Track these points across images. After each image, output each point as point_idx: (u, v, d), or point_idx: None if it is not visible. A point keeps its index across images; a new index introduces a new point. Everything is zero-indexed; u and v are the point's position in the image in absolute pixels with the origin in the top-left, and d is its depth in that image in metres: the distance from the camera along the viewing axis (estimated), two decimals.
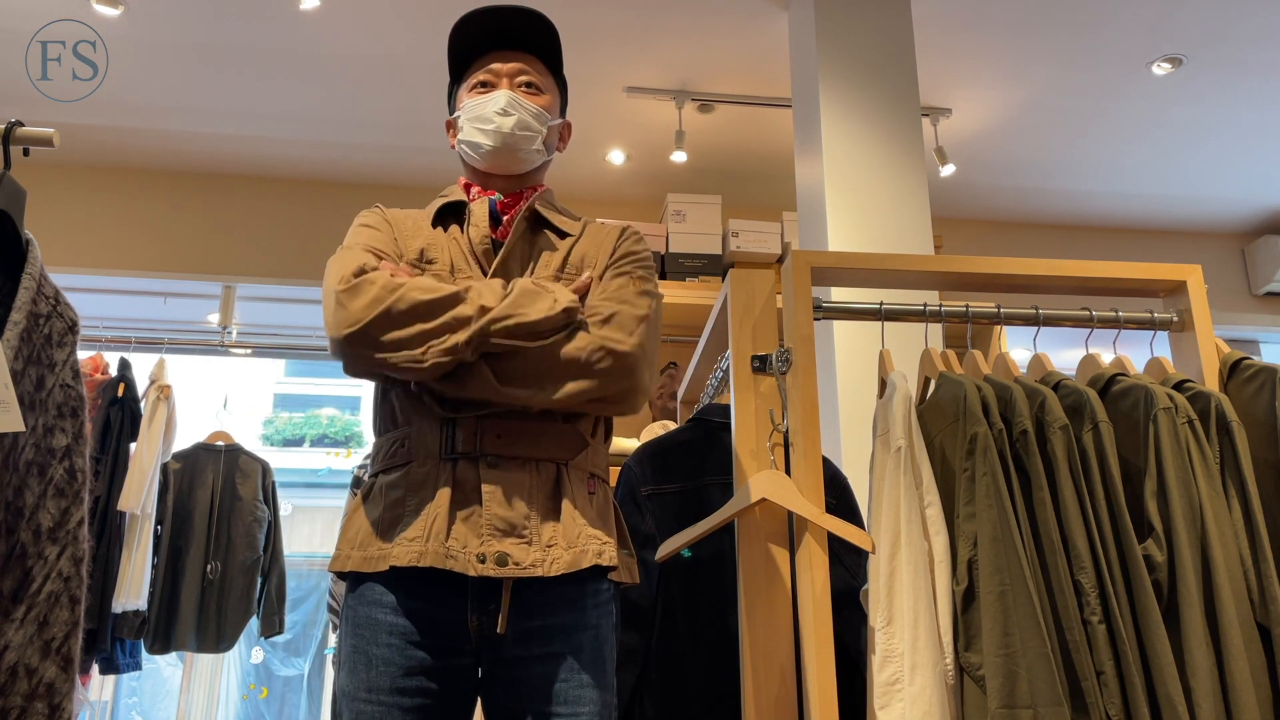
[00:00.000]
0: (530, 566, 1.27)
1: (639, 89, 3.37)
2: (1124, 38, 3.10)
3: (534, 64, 1.54)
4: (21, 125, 1.18)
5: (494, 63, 1.52)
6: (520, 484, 1.32)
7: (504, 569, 1.26)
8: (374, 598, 1.30)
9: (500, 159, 1.50)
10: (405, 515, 1.31)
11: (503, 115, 1.48)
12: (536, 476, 1.33)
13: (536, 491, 1.32)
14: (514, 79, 1.52)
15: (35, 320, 1.07)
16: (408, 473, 1.33)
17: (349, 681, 1.29)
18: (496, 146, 1.49)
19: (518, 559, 1.27)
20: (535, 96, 1.52)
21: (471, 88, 1.53)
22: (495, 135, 1.48)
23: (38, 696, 1.00)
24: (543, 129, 1.52)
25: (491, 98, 1.49)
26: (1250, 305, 4.37)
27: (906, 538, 1.37)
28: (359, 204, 3.97)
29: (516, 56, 1.53)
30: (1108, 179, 4.01)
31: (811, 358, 1.53)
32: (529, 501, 1.31)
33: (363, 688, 1.27)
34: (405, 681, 1.26)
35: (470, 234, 1.46)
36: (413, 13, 2.99)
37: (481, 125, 1.49)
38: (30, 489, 1.03)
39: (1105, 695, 1.26)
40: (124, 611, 3.05)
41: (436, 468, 1.32)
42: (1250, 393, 1.49)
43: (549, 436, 1.35)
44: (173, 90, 3.37)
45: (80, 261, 3.73)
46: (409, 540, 1.28)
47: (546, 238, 1.50)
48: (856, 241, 2.56)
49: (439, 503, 1.30)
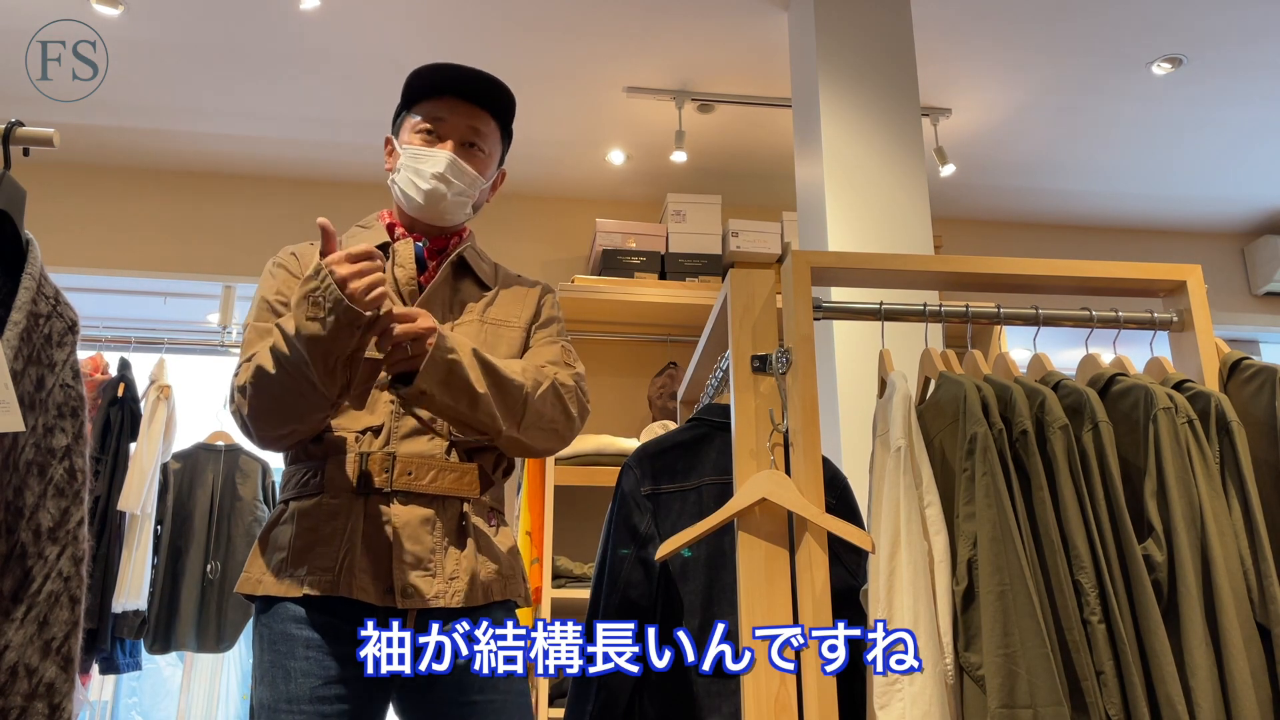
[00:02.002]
0: (434, 598, 1.35)
1: (639, 89, 3.37)
2: (1124, 38, 3.10)
3: (485, 121, 1.57)
4: (21, 125, 1.18)
5: (446, 109, 1.55)
6: (426, 519, 1.39)
7: (409, 600, 1.34)
8: (288, 614, 1.36)
9: (430, 215, 1.55)
10: (318, 544, 1.37)
11: (440, 180, 1.51)
12: (443, 512, 1.40)
13: (442, 527, 1.39)
14: (461, 136, 1.54)
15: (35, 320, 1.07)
16: (319, 503, 1.39)
17: (269, 694, 1.33)
18: (429, 206, 1.53)
19: (422, 590, 1.35)
20: (475, 158, 1.55)
21: (418, 129, 1.55)
22: (429, 196, 1.52)
23: (38, 696, 1.00)
24: (475, 193, 1.56)
25: (433, 156, 1.52)
26: (1250, 305, 4.37)
27: (906, 538, 1.37)
28: (359, 204, 3.97)
29: (470, 109, 1.56)
30: (1108, 179, 4.00)
31: (811, 358, 1.53)
32: (435, 536, 1.38)
33: (283, 699, 1.32)
34: (324, 690, 1.32)
35: (395, 274, 1.51)
36: (412, 13, 2.99)
37: (418, 181, 1.52)
38: (30, 489, 1.03)
39: (1105, 695, 1.26)
40: (124, 611, 3.06)
41: (350, 500, 1.38)
42: (1250, 393, 1.49)
43: (454, 474, 1.42)
44: (173, 90, 3.37)
45: (80, 261, 3.73)
46: (321, 570, 1.35)
47: (469, 286, 1.57)
48: (856, 241, 2.56)
49: (350, 535, 1.36)
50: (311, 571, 1.35)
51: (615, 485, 1.82)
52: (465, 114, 1.55)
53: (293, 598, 1.36)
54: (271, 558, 1.39)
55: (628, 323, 3.60)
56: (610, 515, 1.81)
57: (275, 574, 1.37)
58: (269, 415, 1.36)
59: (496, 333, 1.53)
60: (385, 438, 1.41)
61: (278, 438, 1.41)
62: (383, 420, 1.42)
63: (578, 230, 3.99)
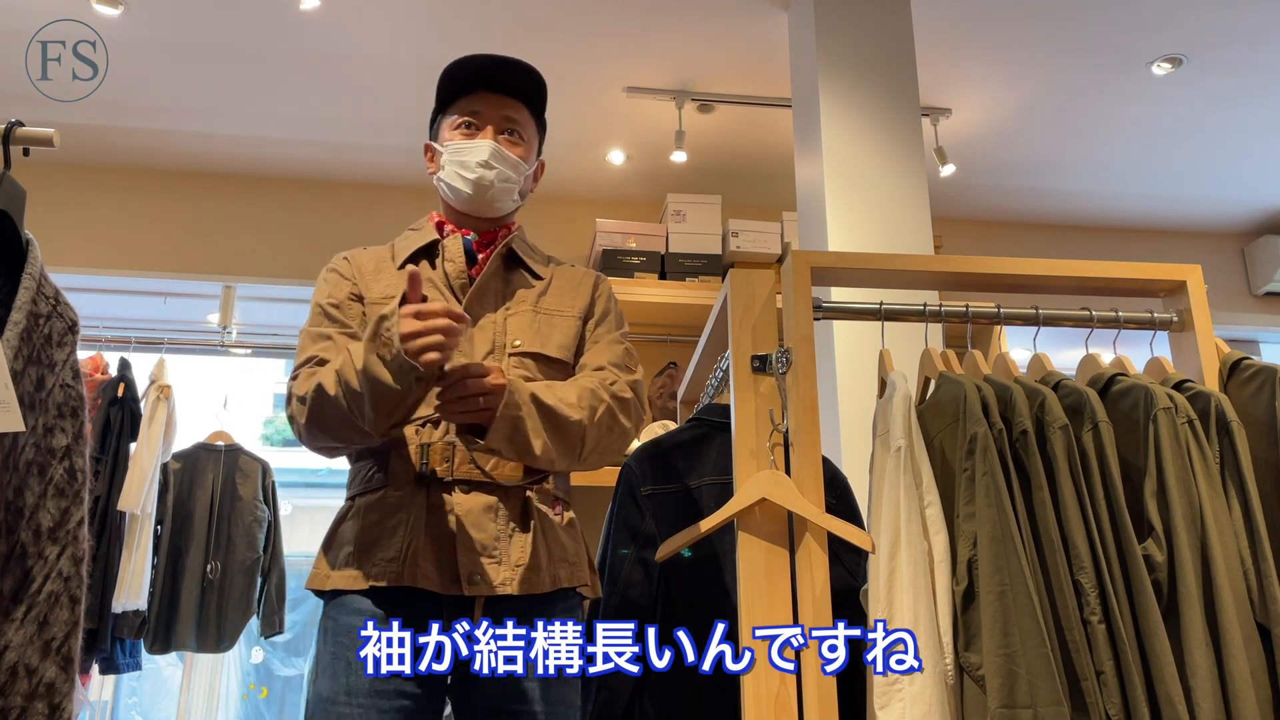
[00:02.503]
0: (500, 585, 1.36)
1: (639, 89, 3.37)
2: (1124, 38, 3.10)
3: (519, 110, 1.58)
4: (21, 125, 1.18)
5: (480, 102, 1.56)
6: (490, 507, 1.39)
7: (475, 587, 1.35)
8: (354, 607, 1.36)
9: (479, 206, 1.56)
10: (383, 537, 1.38)
11: (484, 167, 1.52)
12: (506, 499, 1.41)
13: (506, 513, 1.40)
14: (499, 125, 1.56)
15: (35, 320, 1.07)
16: (383, 496, 1.41)
17: (328, 687, 1.34)
18: (477, 196, 1.54)
19: (489, 577, 1.36)
20: (516, 145, 1.57)
21: (456, 125, 1.57)
22: (476, 185, 1.53)
23: (38, 696, 1.00)
24: (520, 179, 1.57)
25: (475, 146, 1.53)
26: (1250, 305, 4.37)
27: (906, 538, 1.37)
28: (359, 204, 3.97)
29: (503, 100, 1.57)
30: (1108, 179, 4.00)
31: (811, 358, 1.53)
32: (498, 523, 1.39)
33: (342, 691, 1.32)
34: (383, 685, 1.31)
35: (446, 269, 1.52)
36: (412, 13, 2.99)
37: (463, 172, 1.53)
38: (30, 489, 1.03)
39: (1105, 695, 1.26)
40: (124, 611, 3.05)
41: (412, 492, 1.40)
42: (1250, 393, 1.49)
43: (515, 461, 1.41)
44: (173, 90, 3.37)
45: (80, 261, 3.72)
46: (386, 561, 1.36)
47: (521, 276, 1.57)
48: (856, 241, 2.56)
49: (414, 525, 1.37)
50: (377, 564, 1.36)
51: (615, 485, 1.82)
52: (499, 104, 1.57)
53: (359, 590, 1.37)
54: (339, 552, 1.41)
55: (628, 322, 3.59)
56: (610, 515, 1.81)
57: (342, 567, 1.38)
58: (322, 433, 1.39)
59: (550, 322, 1.54)
60: (445, 427, 1.42)
61: (327, 449, 1.44)
62: None
63: (578, 230, 3.99)
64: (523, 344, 1.48)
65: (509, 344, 1.48)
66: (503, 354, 1.47)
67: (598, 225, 3.63)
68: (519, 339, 1.49)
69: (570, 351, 1.53)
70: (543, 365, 1.49)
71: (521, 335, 1.49)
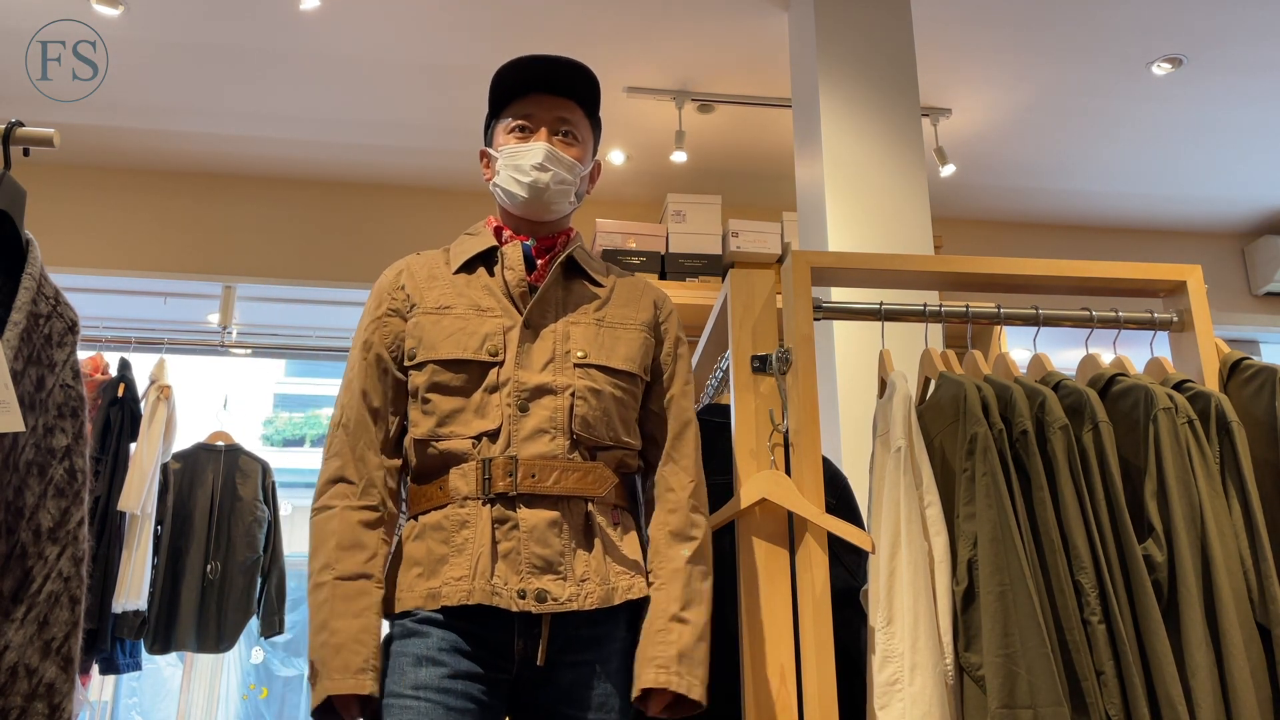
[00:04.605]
0: (567, 601, 1.36)
1: (639, 89, 3.37)
2: (1124, 38, 3.10)
3: (573, 110, 1.56)
4: (21, 125, 1.18)
5: (533, 104, 1.54)
6: (554, 522, 1.38)
7: (543, 605, 1.34)
8: (427, 615, 1.37)
9: (535, 209, 1.54)
10: (450, 555, 1.38)
11: (539, 170, 1.50)
12: (569, 513, 1.40)
13: (569, 528, 1.39)
14: (553, 127, 1.54)
15: (35, 320, 1.07)
16: (448, 514, 1.40)
17: (395, 683, 1.34)
18: (532, 199, 1.52)
19: (555, 595, 1.35)
20: (571, 147, 1.54)
21: (510, 129, 1.55)
22: (532, 189, 1.51)
23: (38, 696, 1.00)
24: (576, 180, 1.55)
25: (530, 149, 1.51)
26: (1250, 305, 4.37)
27: (906, 538, 1.37)
28: (358, 204, 3.97)
29: (556, 101, 1.55)
30: (1108, 179, 4.01)
31: (811, 358, 1.53)
32: (563, 538, 1.38)
33: (410, 685, 1.32)
34: (452, 684, 1.32)
35: (506, 276, 1.51)
36: (412, 13, 2.99)
37: (518, 176, 1.51)
38: (30, 489, 1.03)
39: (1105, 695, 1.26)
40: (124, 611, 3.05)
41: (476, 509, 1.39)
42: (1250, 393, 1.49)
43: (578, 474, 1.41)
44: (173, 90, 3.37)
45: (80, 261, 3.73)
46: (456, 580, 1.36)
47: (581, 285, 1.56)
48: (856, 242, 2.56)
49: (480, 542, 1.37)
50: (447, 583, 1.36)
51: None
52: (552, 106, 1.55)
53: (431, 610, 1.37)
54: (408, 573, 1.41)
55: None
56: None
57: (411, 589, 1.39)
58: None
59: (614, 334, 1.51)
60: (505, 441, 1.40)
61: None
62: (499, 423, 1.41)
63: (578, 230, 4.00)
64: (588, 355, 1.47)
65: (573, 354, 1.47)
66: (565, 363, 1.45)
67: (598, 225, 3.63)
68: (583, 350, 1.48)
69: (636, 363, 1.50)
70: (610, 376, 1.47)
71: (586, 346, 1.48)
